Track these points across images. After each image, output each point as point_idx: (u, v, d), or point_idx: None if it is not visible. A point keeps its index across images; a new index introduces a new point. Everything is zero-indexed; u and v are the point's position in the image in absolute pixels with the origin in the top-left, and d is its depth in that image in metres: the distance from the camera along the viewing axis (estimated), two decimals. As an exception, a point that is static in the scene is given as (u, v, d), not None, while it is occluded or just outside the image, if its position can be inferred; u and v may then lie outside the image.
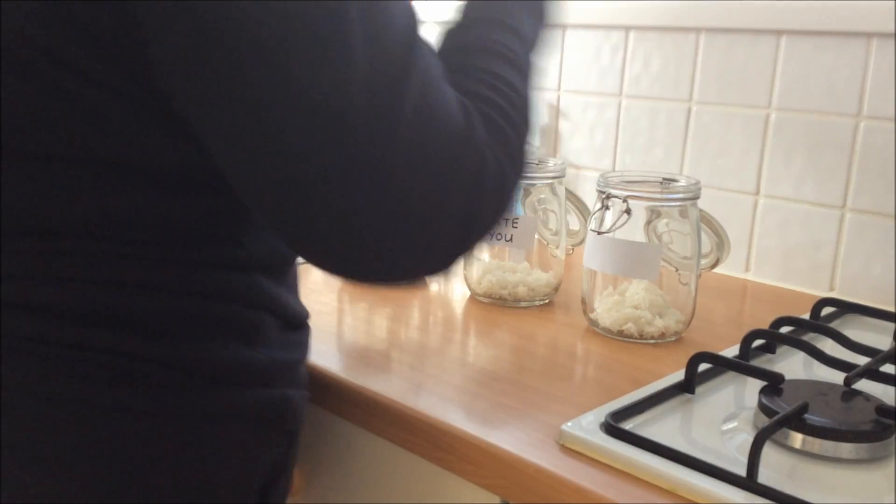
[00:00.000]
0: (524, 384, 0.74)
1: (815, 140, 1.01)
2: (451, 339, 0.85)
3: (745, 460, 0.56)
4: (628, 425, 0.64)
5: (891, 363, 0.73)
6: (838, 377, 0.68)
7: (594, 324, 0.87)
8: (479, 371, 0.76)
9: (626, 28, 1.15)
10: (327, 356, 0.79)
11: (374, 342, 0.83)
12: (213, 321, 0.59)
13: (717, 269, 0.95)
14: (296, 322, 0.68)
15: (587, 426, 0.63)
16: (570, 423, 0.63)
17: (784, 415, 0.59)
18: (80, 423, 0.54)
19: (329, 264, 0.53)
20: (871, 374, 0.68)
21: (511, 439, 0.63)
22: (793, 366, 0.78)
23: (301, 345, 0.69)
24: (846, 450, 0.59)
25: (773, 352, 0.80)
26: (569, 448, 0.62)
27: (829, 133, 1.00)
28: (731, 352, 0.78)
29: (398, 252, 0.51)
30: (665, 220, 0.85)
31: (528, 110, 0.60)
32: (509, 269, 0.97)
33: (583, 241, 1.02)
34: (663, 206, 0.84)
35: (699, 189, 0.84)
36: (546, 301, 0.96)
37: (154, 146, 0.53)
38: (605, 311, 0.86)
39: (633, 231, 0.84)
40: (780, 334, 0.77)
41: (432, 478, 0.69)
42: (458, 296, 0.99)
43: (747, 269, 1.08)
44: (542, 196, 0.96)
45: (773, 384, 0.65)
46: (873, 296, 0.98)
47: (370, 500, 0.75)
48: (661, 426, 0.65)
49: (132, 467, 0.55)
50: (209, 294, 0.58)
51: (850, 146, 0.98)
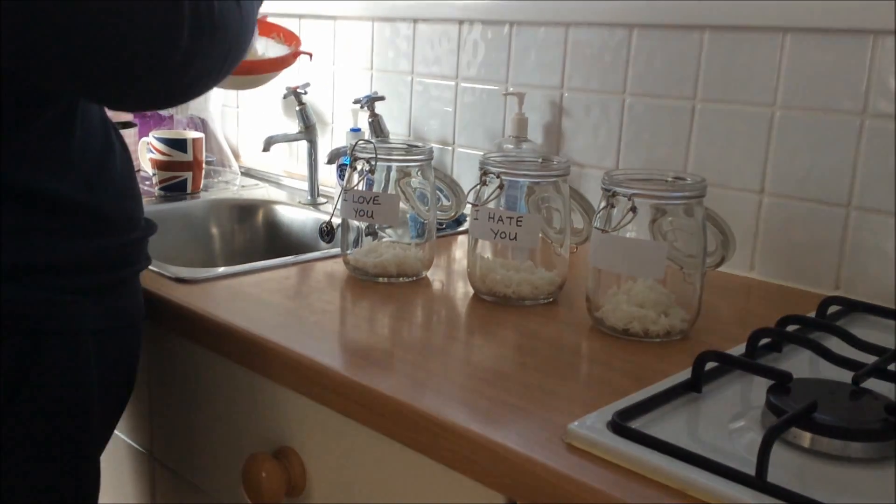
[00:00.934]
0: (529, 383, 0.73)
1: (819, 138, 1.01)
2: (455, 337, 0.84)
3: (753, 459, 0.56)
4: (635, 424, 0.63)
5: (898, 362, 0.72)
6: (846, 376, 0.68)
7: (599, 322, 0.87)
8: (483, 369, 0.76)
9: (630, 26, 1.15)
10: (331, 354, 0.78)
11: (377, 340, 0.82)
12: None
13: (721, 268, 0.95)
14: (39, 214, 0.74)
15: (594, 425, 0.63)
16: (576, 422, 0.63)
17: (793, 414, 0.58)
18: None
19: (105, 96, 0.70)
20: (880, 372, 0.67)
21: (517, 438, 0.63)
22: (799, 364, 0.78)
23: (46, 247, 0.74)
24: (855, 449, 0.59)
25: (779, 350, 0.79)
26: (576, 447, 0.61)
27: (833, 131, 0.99)
28: (738, 350, 0.78)
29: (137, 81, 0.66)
30: (670, 219, 0.84)
31: None
32: (513, 268, 0.97)
33: (587, 240, 1.02)
34: (669, 204, 0.83)
35: (705, 187, 0.84)
36: (550, 299, 0.96)
37: None
38: (610, 309, 0.85)
39: (638, 229, 0.83)
40: (787, 332, 0.76)
41: (438, 477, 0.68)
42: (462, 294, 0.99)
43: (752, 268, 1.08)
44: (546, 194, 0.96)
45: (781, 383, 0.65)
46: (878, 294, 0.97)
47: (375, 499, 0.75)
48: (668, 425, 0.64)
49: None
50: None
51: (856, 144, 0.98)
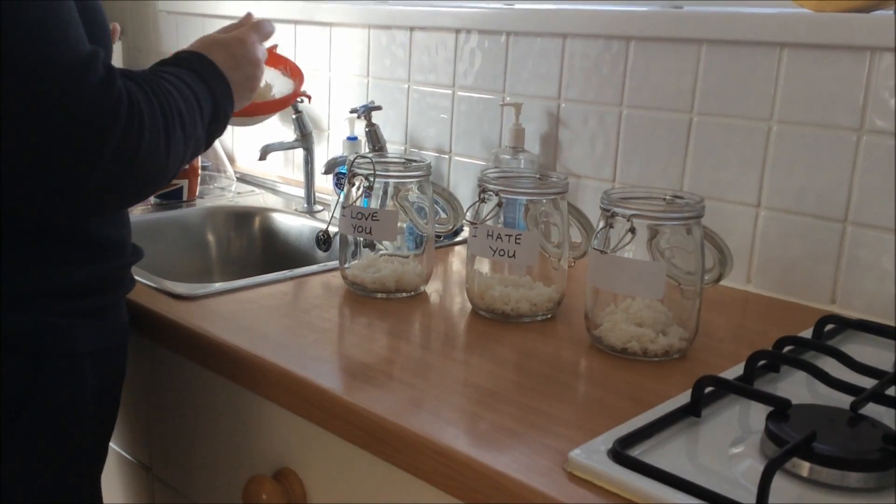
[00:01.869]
0: (527, 405, 0.73)
1: (816, 153, 1.01)
2: (453, 357, 0.84)
3: (752, 487, 0.56)
4: (636, 451, 0.64)
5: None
6: (844, 399, 0.69)
7: (597, 341, 0.87)
8: (482, 391, 0.76)
9: (627, 38, 1.15)
10: (330, 377, 0.78)
11: (376, 361, 0.82)
12: None
13: (718, 282, 0.95)
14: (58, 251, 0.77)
15: (595, 453, 0.63)
16: (577, 451, 0.63)
17: (793, 445, 0.59)
18: None
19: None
20: (878, 397, 0.68)
21: (517, 466, 0.63)
22: (797, 385, 0.78)
23: (46, 274, 0.76)
24: (854, 479, 0.59)
25: (777, 371, 0.80)
26: (577, 476, 0.62)
27: (830, 146, 1.00)
28: (736, 371, 0.78)
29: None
30: (668, 237, 0.85)
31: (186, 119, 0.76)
32: (511, 283, 0.97)
33: (584, 254, 1.02)
34: (668, 224, 0.83)
35: (703, 207, 0.84)
36: (549, 315, 0.96)
37: None
38: (609, 328, 0.86)
39: (636, 247, 0.83)
40: (785, 355, 0.77)
41: (438, 502, 0.68)
42: (460, 309, 0.99)
43: (748, 281, 1.08)
44: (544, 209, 0.96)
45: (780, 409, 0.65)
46: (874, 309, 0.98)
47: (375, 521, 0.75)
48: (668, 451, 0.65)
49: None
50: None
51: (852, 160, 0.98)
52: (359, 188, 1.00)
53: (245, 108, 1.16)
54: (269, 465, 0.85)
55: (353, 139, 1.46)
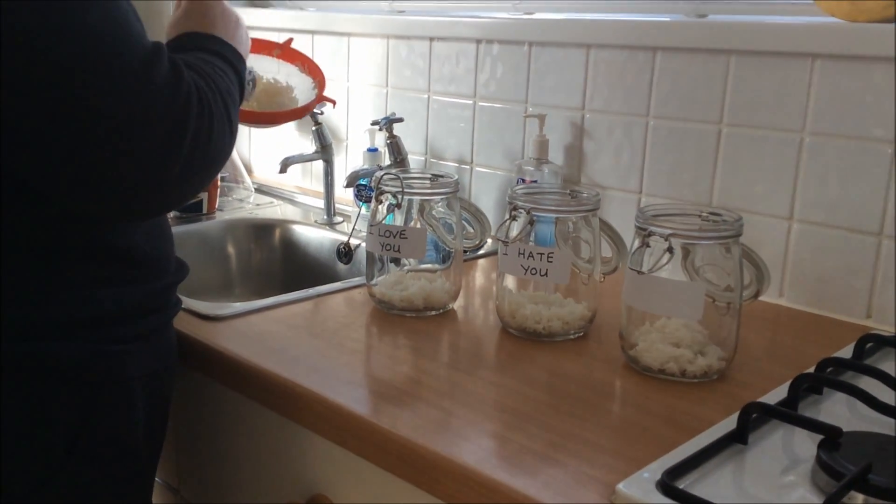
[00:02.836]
0: (565, 430, 0.72)
1: (850, 165, 0.99)
2: (486, 379, 0.83)
3: (806, 521, 0.54)
4: (684, 483, 0.62)
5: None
6: (889, 421, 0.67)
7: (633, 361, 0.86)
8: (518, 415, 0.74)
9: (653, 49, 1.13)
10: (362, 401, 0.77)
11: (407, 384, 0.81)
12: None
13: (752, 298, 0.94)
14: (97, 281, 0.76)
15: (643, 485, 0.61)
16: (624, 483, 0.62)
17: (850, 478, 0.57)
18: None
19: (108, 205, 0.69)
20: (928, 423, 0.66)
21: (563, 500, 0.62)
22: (840, 406, 0.76)
23: (96, 298, 0.75)
24: (911, 511, 0.58)
25: (819, 392, 0.78)
26: (625, 509, 0.60)
27: (864, 158, 0.98)
28: (779, 393, 0.77)
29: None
30: (703, 254, 0.83)
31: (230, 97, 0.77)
32: (542, 301, 0.95)
33: (615, 269, 1.01)
34: (706, 244, 0.82)
35: (742, 226, 0.82)
36: (581, 333, 0.94)
37: None
38: (645, 348, 0.84)
39: (671, 264, 0.82)
40: (830, 378, 0.75)
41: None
42: (489, 328, 0.97)
43: (781, 295, 1.07)
44: (574, 224, 0.94)
45: (831, 438, 0.64)
46: (912, 324, 0.96)
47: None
48: (716, 481, 0.63)
49: None
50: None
51: (888, 171, 0.97)
52: (385, 205, 0.99)
53: (271, 115, 1.14)
54: (302, 492, 0.84)
55: (373, 150, 1.45)
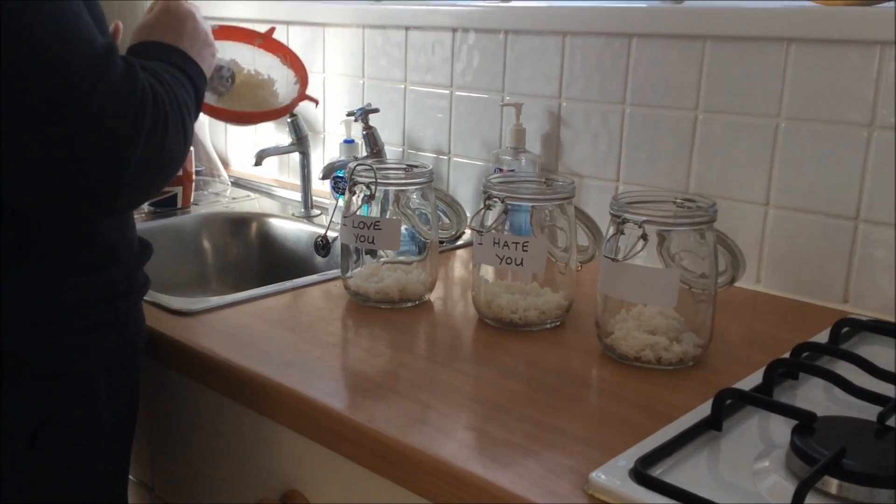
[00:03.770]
0: (541, 421, 0.71)
1: (826, 150, 0.99)
2: (462, 370, 0.82)
3: (779, 505, 0.54)
4: (658, 470, 0.62)
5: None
6: (866, 408, 0.67)
7: (609, 349, 0.85)
8: (495, 407, 0.74)
9: (629, 35, 1.13)
10: (337, 395, 0.76)
11: (383, 377, 0.80)
12: None
13: (729, 284, 0.93)
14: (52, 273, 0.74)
15: (616, 474, 0.61)
16: (598, 471, 0.61)
17: (823, 463, 0.57)
18: None
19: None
20: (903, 407, 0.66)
21: (537, 490, 0.61)
22: (816, 392, 0.76)
23: (59, 290, 0.74)
24: (884, 496, 0.57)
25: (795, 378, 0.78)
26: (598, 499, 0.60)
27: (840, 142, 0.98)
28: (754, 379, 0.77)
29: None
30: (678, 241, 0.83)
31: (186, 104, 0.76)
32: (518, 291, 0.95)
33: (592, 258, 1.00)
34: (680, 230, 0.81)
35: (716, 211, 0.82)
36: (558, 323, 0.94)
37: None
38: (621, 336, 0.84)
39: (646, 252, 0.81)
40: (804, 363, 0.75)
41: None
42: (465, 319, 0.97)
43: (757, 281, 1.07)
44: (550, 213, 0.93)
45: (806, 423, 0.63)
46: (888, 309, 0.96)
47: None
48: (690, 468, 0.63)
49: None
50: None
51: (863, 156, 0.96)
52: (359, 196, 0.98)
53: (251, 114, 1.12)
54: (276, 487, 0.83)
55: (350, 142, 1.43)
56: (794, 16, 0.98)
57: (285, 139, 1.48)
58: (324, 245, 1.31)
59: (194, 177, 1.52)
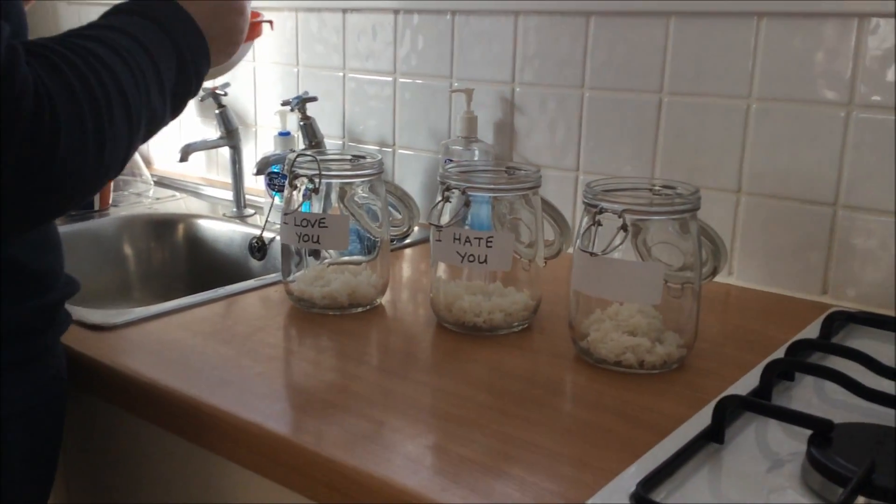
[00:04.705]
0: (518, 437, 0.63)
1: (801, 131, 0.93)
2: (422, 381, 0.73)
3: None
4: (661, 494, 0.54)
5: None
6: (876, 409, 0.61)
7: (585, 353, 0.77)
8: (460, 422, 0.65)
9: (587, 14, 1.05)
10: (272, 413, 0.66)
11: (326, 390, 0.70)
12: None
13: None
14: None
15: (615, 498, 0.52)
16: (595, 500, 0.53)
17: (857, 482, 0.49)
18: None
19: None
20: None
21: (525, 523, 0.52)
22: (812, 392, 0.70)
23: None
24: (920, 513, 0.50)
25: (791, 378, 0.71)
26: (598, 532, 0.51)
27: (816, 123, 0.92)
28: (747, 382, 0.70)
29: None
30: (655, 233, 0.75)
31: (115, 86, 0.58)
32: (480, 291, 0.86)
33: (559, 253, 0.92)
34: (661, 219, 0.74)
35: (699, 199, 0.74)
36: (525, 324, 0.85)
37: None
38: (598, 338, 0.75)
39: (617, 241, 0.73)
40: (804, 363, 0.68)
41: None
42: (423, 323, 0.87)
43: (730, 273, 1.00)
44: (512, 205, 0.85)
45: (822, 432, 0.56)
46: (870, 299, 0.91)
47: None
48: (695, 488, 0.55)
49: None
50: None
51: (841, 137, 0.91)
52: (300, 191, 0.87)
53: None
54: (214, 525, 0.72)
55: (285, 135, 1.32)
56: (764, -11, 0.92)
57: (213, 133, 1.36)
58: (259, 247, 1.20)
59: (113, 176, 1.39)
